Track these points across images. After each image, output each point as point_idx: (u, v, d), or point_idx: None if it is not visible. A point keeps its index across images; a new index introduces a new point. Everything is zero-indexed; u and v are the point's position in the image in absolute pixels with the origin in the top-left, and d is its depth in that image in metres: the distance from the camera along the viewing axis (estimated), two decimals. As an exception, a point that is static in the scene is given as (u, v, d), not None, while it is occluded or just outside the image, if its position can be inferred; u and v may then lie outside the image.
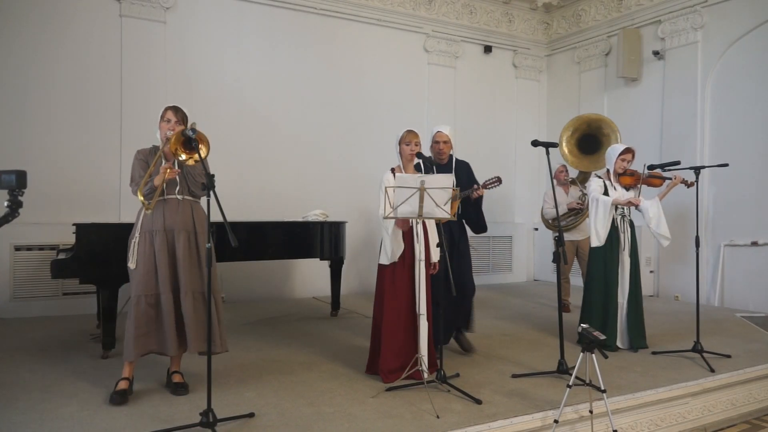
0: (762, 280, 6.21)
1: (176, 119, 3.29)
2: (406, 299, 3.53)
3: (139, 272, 3.20)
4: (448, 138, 4.15)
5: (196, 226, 3.33)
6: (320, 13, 7.21)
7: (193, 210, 3.36)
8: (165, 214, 3.26)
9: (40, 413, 2.97)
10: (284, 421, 2.91)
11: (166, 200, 3.27)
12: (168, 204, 3.28)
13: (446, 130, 4.17)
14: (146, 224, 3.25)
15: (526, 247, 8.77)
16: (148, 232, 3.24)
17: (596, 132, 6.05)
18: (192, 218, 3.33)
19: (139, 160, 3.33)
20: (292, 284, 7.05)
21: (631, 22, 7.59)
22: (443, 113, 8.09)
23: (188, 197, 3.35)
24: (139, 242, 3.23)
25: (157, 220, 3.25)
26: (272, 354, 4.24)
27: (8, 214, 1.96)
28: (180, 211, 3.29)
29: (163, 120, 3.30)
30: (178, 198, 3.30)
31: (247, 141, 6.74)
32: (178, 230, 3.26)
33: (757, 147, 6.32)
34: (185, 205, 3.32)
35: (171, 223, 3.26)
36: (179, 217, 3.28)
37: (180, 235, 3.26)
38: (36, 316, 5.56)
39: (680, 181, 4.41)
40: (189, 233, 3.30)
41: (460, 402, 3.21)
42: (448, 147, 4.17)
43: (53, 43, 5.86)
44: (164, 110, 3.32)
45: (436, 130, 4.18)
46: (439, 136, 4.15)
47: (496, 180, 4.09)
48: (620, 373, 3.84)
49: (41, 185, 5.56)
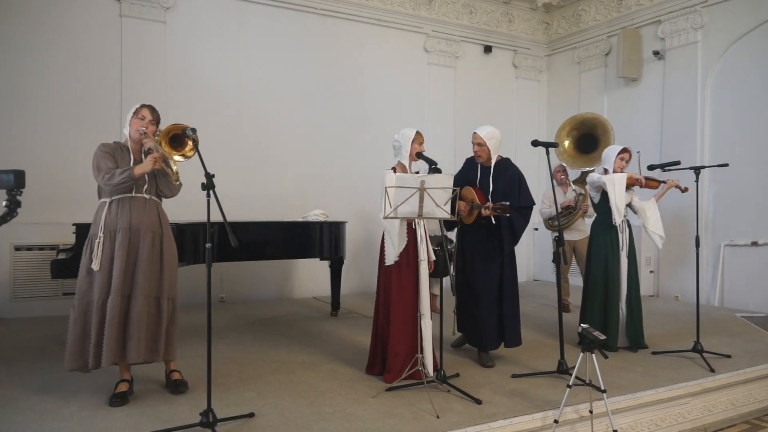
0: (762, 280, 6.21)
1: (151, 118, 3.24)
2: (410, 299, 3.53)
3: (102, 274, 3.06)
4: (483, 140, 3.93)
5: (162, 227, 3.26)
6: (320, 13, 7.21)
7: (159, 211, 3.30)
8: (131, 213, 3.15)
9: (40, 413, 2.97)
10: (284, 421, 2.91)
11: (133, 198, 3.18)
12: (135, 202, 3.18)
13: (482, 132, 3.96)
14: (110, 222, 3.12)
15: (526, 247, 8.77)
16: (111, 231, 3.11)
17: (592, 131, 6.06)
18: (158, 219, 3.26)
19: (105, 153, 3.19)
20: (292, 284, 7.05)
21: (631, 22, 7.59)
22: (443, 113, 8.10)
23: (154, 197, 3.28)
24: (105, 241, 3.08)
25: (122, 217, 3.13)
26: (272, 354, 4.24)
27: (7, 214, 1.96)
28: (147, 210, 3.21)
29: (137, 116, 3.22)
30: (145, 197, 3.22)
31: (247, 141, 6.74)
32: (144, 230, 3.16)
33: (757, 147, 6.32)
34: (151, 204, 3.25)
35: (137, 222, 3.15)
36: (146, 217, 3.19)
37: (146, 236, 3.16)
38: (36, 316, 5.56)
39: (675, 185, 4.44)
40: (154, 234, 3.21)
41: (460, 402, 3.21)
42: (483, 150, 3.96)
43: (53, 43, 5.86)
44: (139, 107, 3.25)
45: (474, 131, 4.03)
46: (474, 137, 4.01)
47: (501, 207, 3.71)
48: (620, 373, 3.84)
49: (41, 185, 5.56)
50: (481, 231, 3.99)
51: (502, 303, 3.97)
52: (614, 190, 4.34)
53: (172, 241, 3.33)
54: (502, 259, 3.97)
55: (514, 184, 3.99)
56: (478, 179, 4.09)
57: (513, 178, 4.01)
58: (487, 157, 4.01)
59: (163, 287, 3.21)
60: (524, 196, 3.99)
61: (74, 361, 3.06)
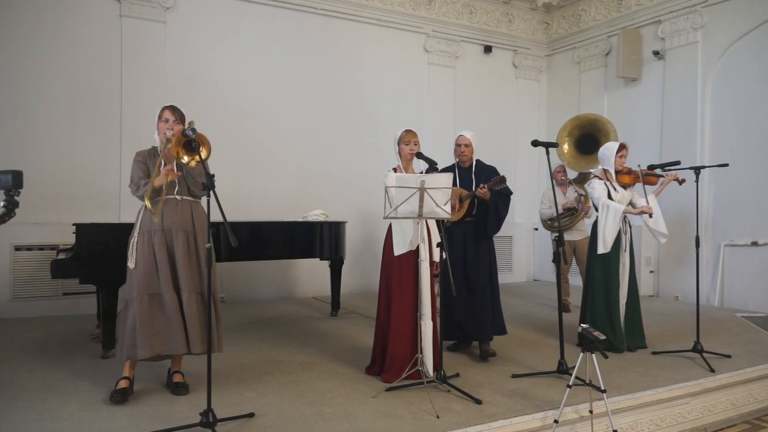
0: (762, 280, 6.21)
1: (174, 118, 3.28)
2: (412, 300, 3.53)
3: (139, 271, 3.19)
4: (470, 142, 4.25)
5: (195, 226, 3.32)
6: (320, 13, 7.21)
7: (193, 210, 3.35)
8: (164, 214, 3.25)
9: (40, 413, 2.97)
10: (284, 421, 2.91)
11: (165, 200, 3.27)
12: (167, 204, 3.27)
13: (468, 134, 4.28)
14: (145, 224, 3.25)
15: (526, 247, 8.77)
16: (147, 232, 3.24)
17: (594, 132, 6.04)
18: (191, 218, 3.32)
19: (138, 162, 3.32)
20: (292, 284, 7.05)
21: (631, 22, 7.59)
22: (443, 113, 8.10)
23: (187, 197, 3.34)
24: (138, 242, 3.22)
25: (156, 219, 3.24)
26: (272, 354, 4.24)
27: (5, 214, 1.96)
28: (179, 210, 3.28)
29: (161, 120, 3.29)
30: (177, 198, 3.30)
31: (247, 141, 6.74)
32: (176, 230, 3.25)
33: (757, 147, 6.32)
34: (184, 205, 3.32)
35: (169, 223, 3.25)
36: (177, 217, 3.27)
37: (178, 235, 3.25)
38: (36, 316, 5.56)
39: (673, 178, 4.45)
40: (187, 233, 3.28)
41: (460, 402, 3.21)
42: (469, 150, 4.26)
43: (53, 43, 5.85)
44: (161, 110, 3.31)
45: (459, 134, 4.32)
46: (460, 139, 4.28)
47: (498, 180, 4.05)
48: (620, 373, 3.84)
49: (41, 185, 5.57)
50: (469, 226, 4.22)
51: (492, 292, 4.23)
52: (605, 218, 4.24)
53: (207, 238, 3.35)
54: (489, 249, 4.24)
55: (494, 175, 4.23)
56: (459, 181, 4.30)
57: (491, 172, 4.28)
58: (470, 158, 4.30)
59: (203, 282, 3.28)
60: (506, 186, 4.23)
61: (126, 350, 3.18)
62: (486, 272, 4.21)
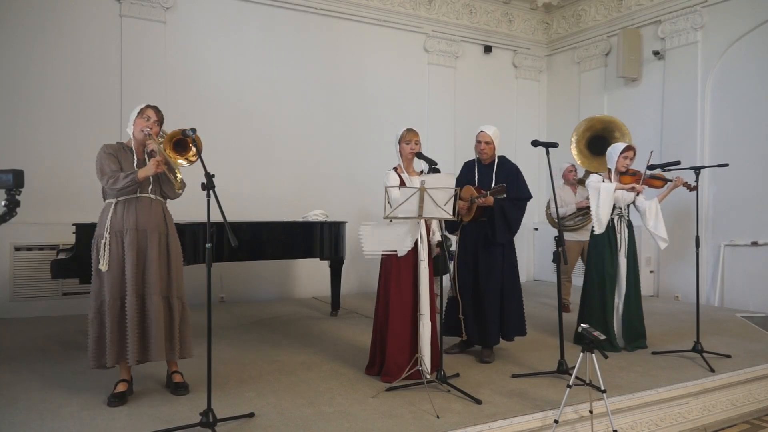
0: (762, 280, 6.21)
1: (156, 119, 3.25)
2: (410, 299, 3.53)
3: (112, 274, 3.08)
4: (491, 138, 4.07)
5: (168, 227, 3.28)
6: (320, 13, 7.21)
7: (164, 211, 3.31)
8: (137, 213, 3.16)
9: (40, 413, 2.97)
10: (284, 421, 2.91)
11: (138, 198, 3.18)
12: (140, 202, 3.18)
13: (490, 130, 4.09)
14: (116, 223, 3.12)
15: (526, 247, 8.77)
16: (118, 232, 3.12)
17: (607, 134, 6.00)
18: (164, 219, 3.28)
19: (108, 155, 3.18)
20: (292, 284, 7.05)
21: (631, 22, 7.59)
22: (443, 113, 8.10)
23: (159, 198, 3.29)
24: (111, 242, 3.10)
25: (128, 218, 3.14)
26: (272, 354, 4.24)
27: (6, 214, 1.96)
28: (152, 210, 3.22)
29: (141, 117, 3.22)
30: (151, 197, 3.23)
31: (247, 140, 6.74)
32: (151, 230, 3.18)
33: (757, 147, 6.32)
34: (157, 205, 3.26)
35: (144, 223, 3.17)
36: (152, 217, 3.20)
37: (153, 236, 3.18)
38: (36, 316, 5.55)
39: (682, 183, 4.33)
40: (161, 234, 3.23)
41: (460, 402, 3.21)
42: (490, 148, 4.09)
43: (53, 43, 5.85)
44: (144, 107, 3.25)
45: (480, 130, 4.12)
46: (481, 135, 4.10)
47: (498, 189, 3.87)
48: (620, 373, 3.84)
49: (41, 185, 5.56)
50: (482, 228, 4.08)
51: (503, 298, 4.08)
52: (597, 200, 4.28)
53: (177, 240, 3.35)
54: (503, 255, 4.08)
55: (512, 177, 4.12)
56: (477, 179, 4.17)
57: (511, 171, 4.15)
58: (491, 155, 4.12)
59: (171, 286, 3.24)
60: (522, 188, 4.14)
61: (96, 360, 3.11)
62: (497, 277, 4.05)
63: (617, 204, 4.39)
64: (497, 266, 4.06)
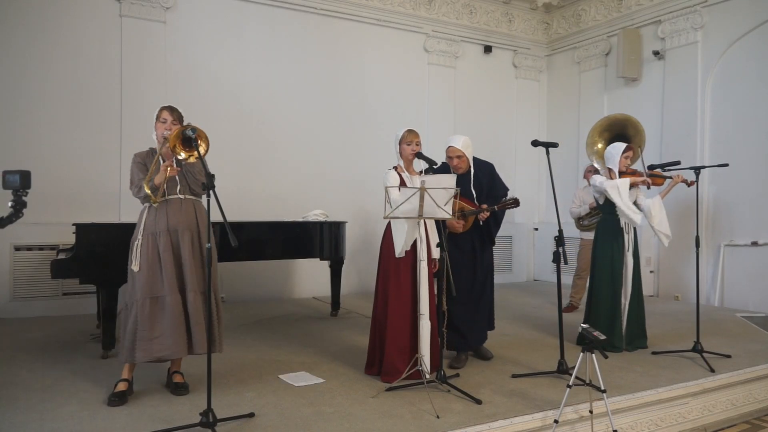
0: (762, 280, 6.21)
1: (172, 118, 3.27)
2: (409, 299, 3.53)
3: (143, 274, 3.16)
4: (462, 152, 3.89)
5: (199, 225, 3.32)
6: (320, 13, 7.21)
7: (196, 209, 3.35)
8: (168, 214, 3.23)
9: (40, 413, 2.97)
10: (284, 421, 2.91)
11: (168, 200, 3.26)
12: (170, 204, 3.26)
13: (459, 143, 3.89)
14: (149, 226, 3.23)
15: (526, 247, 8.77)
16: (151, 234, 3.21)
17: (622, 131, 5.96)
18: (195, 217, 3.32)
19: (137, 163, 3.29)
20: (292, 284, 7.05)
21: (631, 22, 7.59)
22: (443, 113, 8.10)
23: (190, 196, 3.33)
24: (143, 244, 3.20)
25: (160, 220, 3.22)
26: (272, 354, 4.24)
27: (12, 215, 1.95)
28: (183, 210, 3.27)
29: (159, 120, 3.27)
30: (180, 197, 3.28)
31: (247, 141, 6.74)
32: (182, 230, 3.24)
33: (757, 147, 6.32)
34: (187, 204, 3.31)
35: (175, 223, 3.23)
36: (183, 217, 3.26)
37: (184, 235, 3.24)
38: (36, 316, 5.56)
39: (681, 180, 4.40)
40: (193, 232, 3.28)
41: (460, 402, 3.21)
42: (463, 161, 3.94)
43: (53, 43, 5.85)
44: (159, 110, 3.29)
45: (448, 145, 3.94)
46: (450, 151, 3.91)
47: (512, 202, 3.85)
48: (620, 373, 3.84)
49: (41, 185, 5.51)
50: (475, 233, 4.05)
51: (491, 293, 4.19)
52: (619, 196, 4.26)
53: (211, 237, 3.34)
54: (491, 252, 4.17)
55: (491, 178, 4.08)
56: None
57: (489, 173, 4.10)
58: (466, 167, 3.99)
59: (206, 282, 3.26)
60: (500, 186, 4.11)
61: (127, 354, 3.17)
62: (490, 275, 4.15)
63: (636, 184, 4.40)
64: (490, 264, 4.16)
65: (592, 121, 6.71)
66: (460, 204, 3.93)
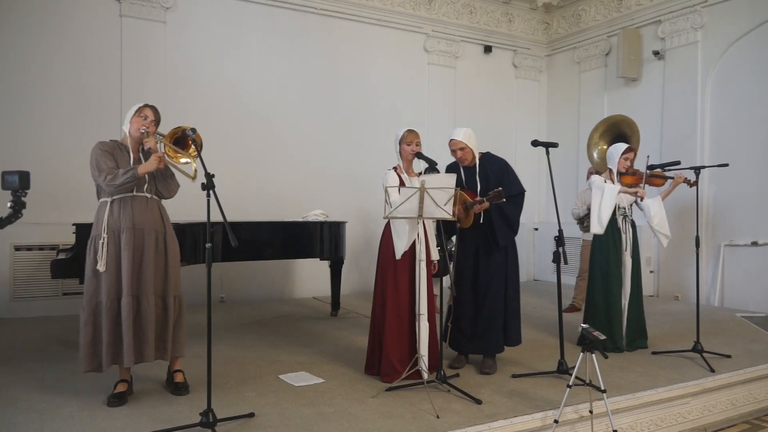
0: (762, 280, 6.21)
1: (153, 119, 3.23)
2: (408, 299, 3.53)
3: (110, 274, 3.05)
4: (464, 144, 3.81)
5: (165, 226, 3.26)
6: (320, 13, 7.21)
7: (161, 209, 3.29)
8: (134, 212, 3.13)
9: (40, 413, 2.97)
10: (284, 421, 2.91)
11: (134, 197, 3.16)
12: (136, 201, 3.16)
13: (460, 135, 3.82)
14: (112, 223, 3.10)
15: (526, 247, 8.76)
16: (114, 231, 3.09)
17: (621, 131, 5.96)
18: (161, 217, 3.26)
19: (104, 151, 3.15)
20: (292, 284, 7.05)
21: (631, 22, 7.59)
22: (443, 113, 8.10)
23: (155, 196, 3.28)
24: (109, 242, 3.07)
25: (125, 217, 3.11)
26: (272, 354, 4.24)
27: (11, 215, 1.96)
28: (149, 209, 3.20)
29: (139, 115, 3.20)
30: (147, 196, 3.21)
31: (247, 141, 6.74)
32: (148, 229, 3.16)
33: (757, 147, 6.32)
34: (153, 203, 3.24)
35: (141, 222, 3.14)
36: (149, 216, 3.18)
37: (150, 235, 3.16)
38: (36, 316, 5.55)
39: (683, 180, 4.37)
40: (158, 233, 3.21)
41: (460, 402, 3.21)
42: (466, 152, 3.84)
43: (53, 43, 5.85)
44: (142, 106, 3.23)
45: (450, 138, 3.86)
46: (453, 144, 3.85)
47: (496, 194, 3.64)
48: (620, 373, 3.84)
49: (41, 185, 5.53)
50: (482, 232, 3.89)
51: (506, 302, 3.87)
52: (600, 199, 4.22)
53: (175, 239, 3.33)
54: (506, 257, 3.89)
55: (503, 174, 3.90)
56: (464, 181, 3.96)
57: (500, 168, 3.93)
58: (471, 159, 3.91)
59: (168, 286, 3.22)
60: (514, 184, 3.88)
61: (90, 363, 3.08)
62: (501, 282, 3.84)
63: (620, 204, 4.40)
64: (501, 269, 3.85)
65: (592, 121, 6.73)
66: (462, 196, 3.84)
